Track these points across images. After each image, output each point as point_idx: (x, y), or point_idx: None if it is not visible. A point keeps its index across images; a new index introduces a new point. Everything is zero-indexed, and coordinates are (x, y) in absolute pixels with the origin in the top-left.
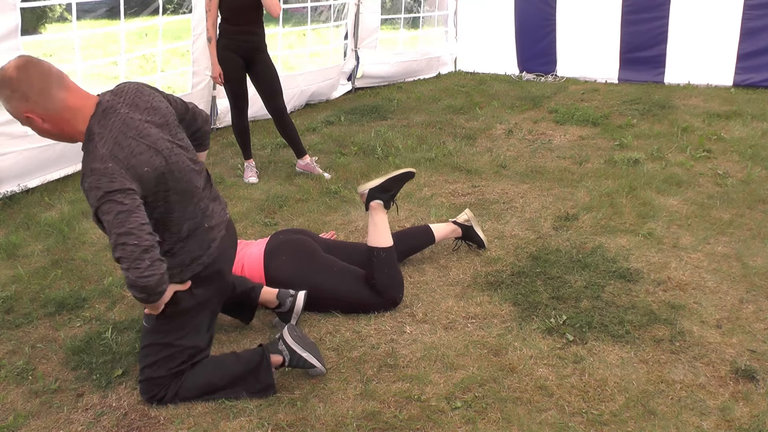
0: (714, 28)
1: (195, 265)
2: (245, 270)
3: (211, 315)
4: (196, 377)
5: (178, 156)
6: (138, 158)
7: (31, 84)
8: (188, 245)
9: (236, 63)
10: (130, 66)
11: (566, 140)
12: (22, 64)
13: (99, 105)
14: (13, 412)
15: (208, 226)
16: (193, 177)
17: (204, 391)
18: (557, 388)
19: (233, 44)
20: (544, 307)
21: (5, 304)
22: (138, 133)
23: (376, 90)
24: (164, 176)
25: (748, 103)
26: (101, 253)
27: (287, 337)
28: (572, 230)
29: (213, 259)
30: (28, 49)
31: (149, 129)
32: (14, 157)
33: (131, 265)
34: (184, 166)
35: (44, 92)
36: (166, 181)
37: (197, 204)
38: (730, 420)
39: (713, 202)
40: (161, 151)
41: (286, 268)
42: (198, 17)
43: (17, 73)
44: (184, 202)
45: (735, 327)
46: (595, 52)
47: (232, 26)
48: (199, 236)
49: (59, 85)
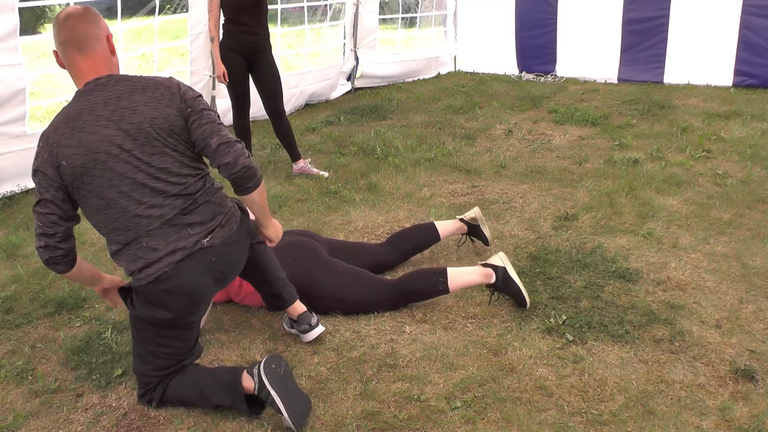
0: (713, 28)
1: (134, 277)
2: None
3: (176, 333)
4: (175, 390)
5: (120, 166)
6: (62, 149)
7: (58, 33)
8: (122, 255)
9: (238, 63)
10: (129, 66)
11: (566, 140)
12: (72, 14)
13: (89, 83)
14: (12, 412)
15: (147, 245)
16: (135, 191)
17: (183, 404)
18: (557, 388)
19: (235, 44)
20: (543, 307)
21: (5, 304)
22: (80, 126)
23: (375, 90)
24: (82, 177)
25: (747, 103)
26: (101, 253)
27: (263, 368)
28: (572, 230)
29: (157, 280)
30: (27, 49)
31: (99, 128)
32: (13, 156)
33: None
34: (120, 177)
35: (63, 47)
36: (84, 183)
37: (131, 219)
38: (730, 420)
39: (713, 202)
40: (93, 152)
41: (290, 269)
42: (195, 17)
43: (63, 19)
44: (109, 212)
45: (734, 327)
46: (595, 52)
47: (234, 26)
48: (132, 252)
49: (81, 50)
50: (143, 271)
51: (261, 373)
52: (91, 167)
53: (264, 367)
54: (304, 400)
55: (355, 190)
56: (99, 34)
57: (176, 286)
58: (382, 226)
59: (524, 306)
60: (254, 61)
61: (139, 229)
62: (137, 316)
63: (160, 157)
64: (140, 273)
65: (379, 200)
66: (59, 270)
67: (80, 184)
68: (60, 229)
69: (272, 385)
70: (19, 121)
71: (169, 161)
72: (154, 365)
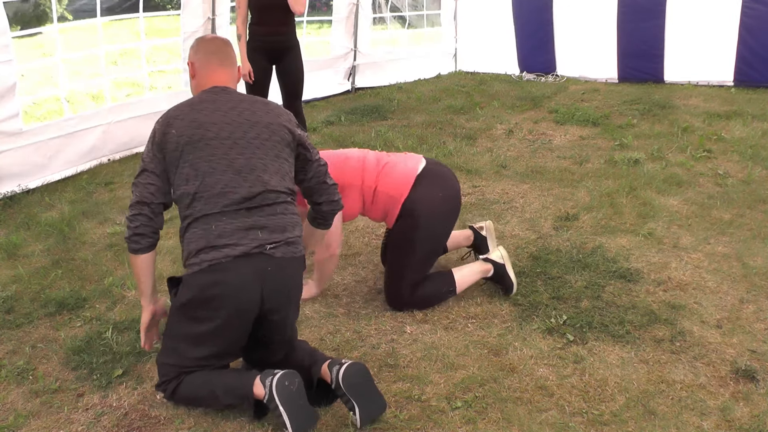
0: (713, 27)
1: (189, 262)
2: (381, 184)
3: (207, 338)
4: (187, 386)
5: (223, 147)
6: (177, 121)
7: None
8: (189, 231)
9: (260, 65)
10: (130, 66)
11: (566, 140)
12: (219, 37)
13: (216, 87)
14: (13, 412)
15: (215, 229)
16: (227, 173)
17: (193, 402)
18: (557, 388)
19: (261, 46)
20: (544, 307)
21: (6, 304)
22: (200, 108)
23: (376, 90)
24: (185, 147)
25: (748, 103)
26: (101, 253)
27: (275, 385)
28: (572, 230)
29: (210, 268)
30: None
31: (216, 115)
32: (11, 155)
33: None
34: (219, 157)
35: (208, 57)
36: (184, 153)
37: (215, 195)
38: (731, 420)
39: (713, 202)
40: (203, 129)
41: (432, 207)
42: (187, 15)
43: (211, 38)
44: (197, 183)
45: (735, 327)
46: (596, 52)
47: (260, 26)
48: (199, 230)
49: (222, 63)
50: (201, 254)
51: (273, 389)
52: (196, 140)
53: (277, 383)
54: (311, 415)
55: None
56: (234, 59)
57: (225, 281)
58: (383, 226)
59: (510, 292)
60: (279, 60)
61: (215, 206)
62: (178, 307)
63: (263, 153)
64: (197, 256)
65: None
66: (139, 247)
67: (180, 153)
68: (155, 200)
69: (282, 401)
70: (13, 118)
71: (269, 161)
72: (176, 362)
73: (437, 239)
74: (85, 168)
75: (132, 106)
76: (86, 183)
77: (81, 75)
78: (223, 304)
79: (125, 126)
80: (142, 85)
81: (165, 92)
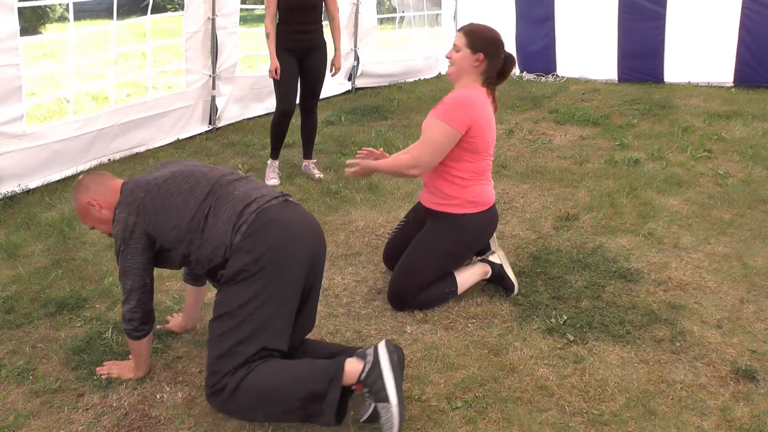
0: (713, 27)
1: (240, 222)
2: (480, 184)
3: (261, 295)
4: (260, 374)
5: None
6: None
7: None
8: (214, 225)
9: (288, 64)
10: (129, 65)
11: (567, 140)
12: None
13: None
14: (13, 412)
15: (240, 195)
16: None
17: (262, 397)
18: (558, 388)
19: (290, 44)
20: (544, 307)
21: (6, 304)
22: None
23: (376, 90)
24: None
25: (748, 103)
26: (101, 253)
27: (381, 345)
28: (573, 230)
29: (260, 213)
30: (28, 49)
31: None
32: (13, 156)
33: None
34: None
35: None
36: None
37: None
38: (731, 420)
39: (714, 202)
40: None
41: (482, 236)
42: (190, 15)
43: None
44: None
45: (735, 327)
46: (596, 52)
47: (288, 26)
48: (228, 208)
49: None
50: (247, 209)
51: (378, 354)
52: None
53: (386, 346)
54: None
55: (356, 190)
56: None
57: (281, 217)
58: (383, 226)
59: (512, 292)
60: (306, 58)
61: (213, 193)
62: (230, 276)
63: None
64: (243, 214)
65: (380, 200)
66: (146, 332)
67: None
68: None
69: (385, 367)
70: (17, 121)
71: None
72: (239, 338)
73: (463, 260)
74: (85, 168)
75: (135, 106)
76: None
77: (81, 75)
78: (274, 236)
79: (127, 126)
80: (144, 85)
81: (165, 92)
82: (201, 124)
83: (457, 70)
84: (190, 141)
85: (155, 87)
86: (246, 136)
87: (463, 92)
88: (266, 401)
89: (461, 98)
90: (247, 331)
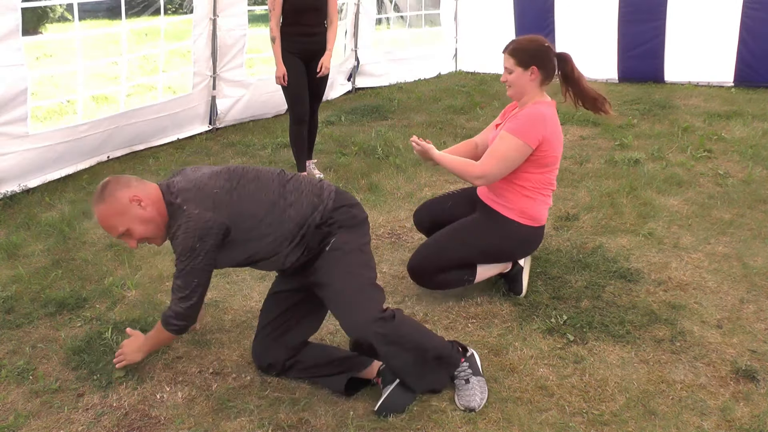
0: (714, 27)
1: (322, 207)
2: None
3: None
4: (407, 324)
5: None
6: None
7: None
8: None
9: (295, 67)
10: (131, 66)
11: (567, 140)
12: None
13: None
14: (13, 412)
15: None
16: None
17: (417, 344)
18: (558, 388)
19: (295, 47)
20: (544, 307)
21: (6, 304)
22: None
23: (376, 90)
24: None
25: (748, 103)
26: (102, 253)
27: (472, 353)
28: (573, 230)
29: (336, 196)
30: (30, 49)
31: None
32: (15, 157)
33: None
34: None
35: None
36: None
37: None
38: (731, 420)
39: (714, 202)
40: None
41: (531, 246)
42: (198, 17)
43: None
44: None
45: (735, 327)
46: (596, 52)
47: (293, 28)
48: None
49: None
50: (324, 193)
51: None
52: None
53: (472, 356)
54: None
55: (356, 190)
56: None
57: (345, 196)
58: (383, 226)
59: (516, 294)
60: (311, 61)
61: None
62: (357, 249)
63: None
64: (321, 198)
65: (380, 200)
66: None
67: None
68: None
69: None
70: (21, 122)
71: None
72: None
73: (492, 262)
74: (85, 167)
75: (141, 110)
76: (86, 183)
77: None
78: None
79: (129, 127)
80: (148, 86)
81: (171, 95)
82: (201, 124)
83: (517, 90)
84: (190, 141)
85: (155, 88)
86: (246, 136)
87: (536, 108)
88: (414, 342)
89: (535, 114)
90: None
